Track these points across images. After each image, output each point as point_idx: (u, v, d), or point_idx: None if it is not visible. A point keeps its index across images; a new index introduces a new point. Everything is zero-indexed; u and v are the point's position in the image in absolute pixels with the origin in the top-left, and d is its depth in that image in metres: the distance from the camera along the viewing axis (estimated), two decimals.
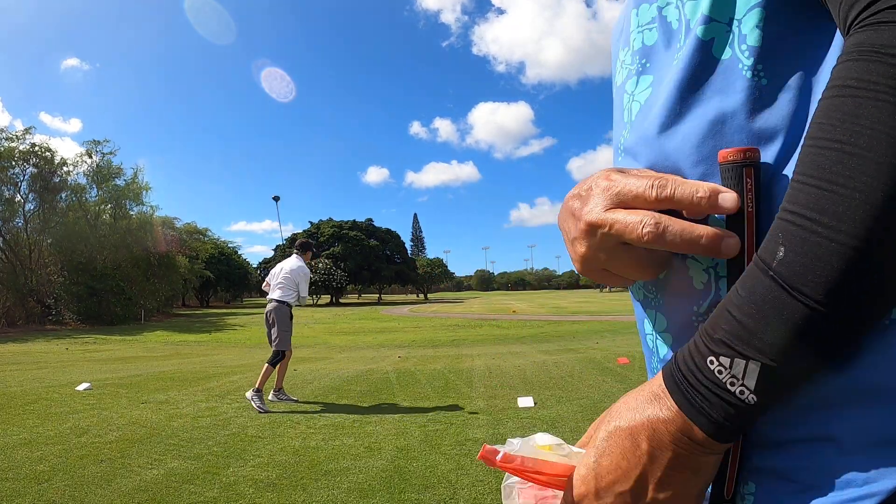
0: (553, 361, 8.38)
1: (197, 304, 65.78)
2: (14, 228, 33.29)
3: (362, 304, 72.42)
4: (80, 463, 3.29)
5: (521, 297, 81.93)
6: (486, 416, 4.50)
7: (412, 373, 7.60)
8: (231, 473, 3.12)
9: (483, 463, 1.56)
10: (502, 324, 26.41)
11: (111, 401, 5.52)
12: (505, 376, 6.84)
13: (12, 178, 32.40)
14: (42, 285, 32.88)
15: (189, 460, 3.37)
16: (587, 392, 5.41)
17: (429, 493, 2.77)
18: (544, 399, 5.15)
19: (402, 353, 12.29)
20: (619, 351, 9.40)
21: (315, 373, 7.63)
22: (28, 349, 18.56)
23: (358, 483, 2.94)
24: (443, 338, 19.76)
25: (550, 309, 41.73)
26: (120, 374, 8.39)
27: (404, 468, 3.17)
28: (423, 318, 35.04)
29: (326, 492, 2.82)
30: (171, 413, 4.85)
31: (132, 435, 4.01)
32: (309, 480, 3.00)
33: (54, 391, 6.18)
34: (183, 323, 35.39)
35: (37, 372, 9.04)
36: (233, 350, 17.41)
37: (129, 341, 23.00)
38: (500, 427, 4.10)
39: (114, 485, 2.90)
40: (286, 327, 5.27)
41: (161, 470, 3.16)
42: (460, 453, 3.43)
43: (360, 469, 3.18)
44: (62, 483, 2.92)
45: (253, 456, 3.48)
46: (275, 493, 2.80)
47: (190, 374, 8.29)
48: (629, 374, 6.42)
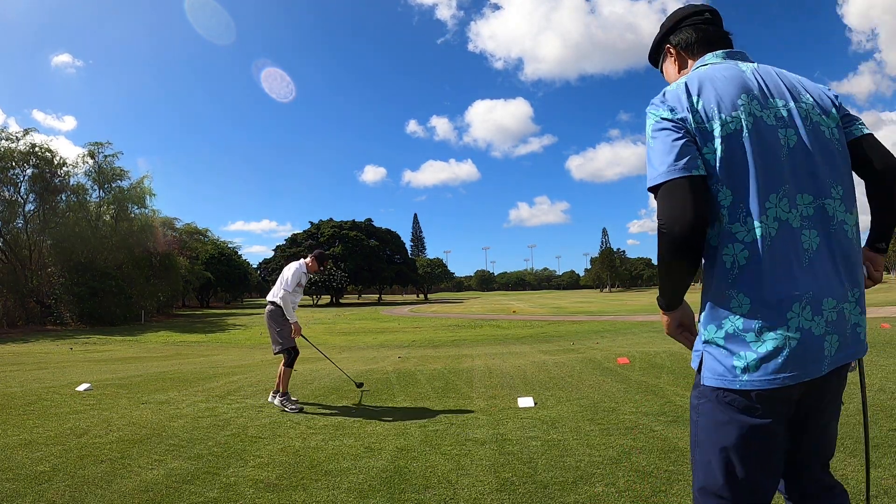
0: (553, 361, 8.38)
1: (197, 305, 65.77)
2: (14, 229, 33.23)
3: (362, 304, 72.43)
4: (81, 463, 3.29)
5: (521, 297, 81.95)
6: (486, 416, 4.50)
7: (412, 373, 7.60)
8: (231, 474, 3.12)
9: (483, 462, 1.59)
10: (502, 324, 26.42)
11: (111, 401, 5.52)
12: (505, 376, 6.84)
13: (12, 178, 32.35)
14: (42, 286, 32.86)
15: (189, 461, 3.37)
16: (587, 392, 5.41)
17: (429, 493, 2.77)
18: (544, 399, 5.15)
19: (402, 354, 12.29)
20: (619, 351, 9.40)
21: (315, 373, 7.63)
22: (28, 349, 18.57)
23: (358, 483, 2.94)
24: (443, 338, 19.77)
25: (550, 309, 41.75)
26: (120, 374, 8.39)
27: (404, 468, 3.17)
28: (423, 319, 35.06)
29: (327, 492, 2.82)
30: (172, 413, 4.86)
31: (132, 435, 4.01)
32: (309, 481, 3.00)
33: (54, 392, 6.18)
34: (183, 323, 35.42)
35: (37, 372, 9.04)
36: (233, 350, 17.41)
37: (129, 342, 23.01)
38: (500, 427, 4.10)
39: (114, 485, 2.91)
40: (276, 327, 5.23)
41: (161, 470, 3.17)
42: (460, 453, 3.43)
43: (361, 469, 3.18)
44: (62, 483, 2.92)
45: (253, 456, 3.48)
46: (275, 494, 2.80)
47: (190, 374, 8.29)
48: (629, 374, 6.41)
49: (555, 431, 3.90)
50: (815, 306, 1.15)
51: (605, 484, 2.78)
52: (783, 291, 1.15)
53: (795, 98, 1.26)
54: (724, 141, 1.18)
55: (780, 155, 1.19)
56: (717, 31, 1.45)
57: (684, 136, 1.20)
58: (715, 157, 1.18)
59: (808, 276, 1.16)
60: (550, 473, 2.99)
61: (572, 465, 3.11)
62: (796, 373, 1.15)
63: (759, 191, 1.16)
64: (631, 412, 4.37)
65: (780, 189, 1.17)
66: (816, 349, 1.16)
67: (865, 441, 1.47)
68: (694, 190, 1.15)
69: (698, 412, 1.27)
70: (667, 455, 3.17)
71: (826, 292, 1.17)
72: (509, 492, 2.75)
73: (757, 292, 1.16)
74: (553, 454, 3.34)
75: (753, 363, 1.15)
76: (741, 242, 1.17)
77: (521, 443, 3.63)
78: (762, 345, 1.15)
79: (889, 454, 2.96)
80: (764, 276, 1.15)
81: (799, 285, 1.15)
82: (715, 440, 1.22)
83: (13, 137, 32.21)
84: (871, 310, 18.62)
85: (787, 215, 1.17)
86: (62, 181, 34.09)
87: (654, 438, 3.56)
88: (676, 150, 1.18)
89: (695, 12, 1.47)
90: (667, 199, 1.17)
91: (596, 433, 3.79)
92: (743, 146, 1.18)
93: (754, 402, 1.17)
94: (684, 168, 1.16)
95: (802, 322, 1.14)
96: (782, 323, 1.14)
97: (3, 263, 32.14)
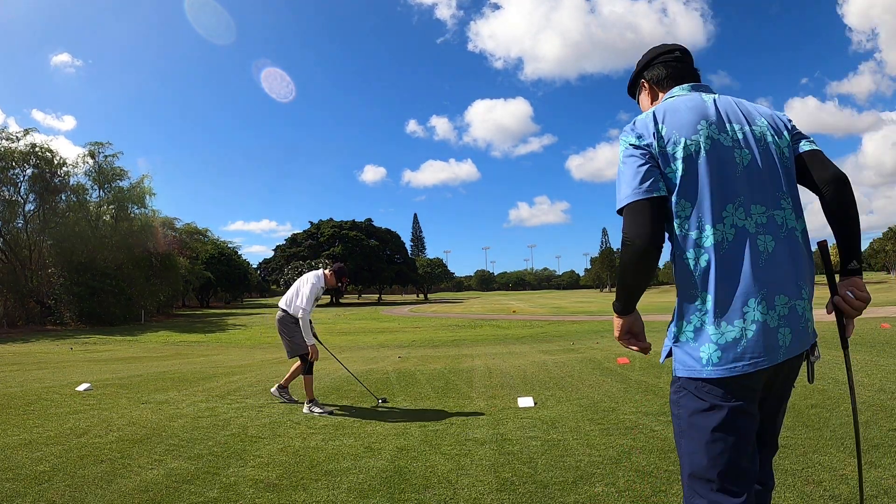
0: (553, 361, 8.38)
1: (197, 305, 65.75)
2: (14, 229, 33.21)
3: (362, 304, 72.38)
4: (81, 463, 3.29)
5: (521, 297, 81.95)
6: (486, 416, 4.50)
7: (412, 373, 7.60)
8: (231, 474, 3.12)
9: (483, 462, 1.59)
10: (502, 324, 26.42)
11: (111, 401, 5.52)
12: (505, 376, 6.85)
13: (12, 178, 32.33)
14: (42, 286, 32.86)
15: (189, 460, 3.37)
16: (587, 392, 5.41)
17: (429, 493, 2.77)
18: (544, 399, 5.15)
19: (402, 353, 12.29)
20: (619, 351, 9.39)
21: (315, 373, 7.60)
22: (28, 349, 18.57)
23: (358, 483, 2.94)
24: (443, 338, 19.77)
25: (550, 309, 41.76)
26: (120, 374, 8.39)
27: (404, 468, 3.17)
28: (423, 318, 35.06)
29: (327, 492, 2.82)
30: (172, 413, 4.86)
31: (132, 435, 4.01)
32: (309, 480, 3.00)
33: (54, 392, 6.18)
34: (183, 323, 35.42)
35: (37, 372, 9.04)
36: (233, 350, 17.41)
37: (129, 342, 23.01)
38: (500, 427, 4.10)
39: (114, 485, 2.91)
40: (288, 335, 5.16)
41: (161, 470, 3.16)
42: (460, 453, 3.43)
43: (360, 469, 3.18)
44: (62, 483, 2.92)
45: (253, 456, 3.48)
46: (275, 494, 2.80)
47: (190, 374, 8.29)
48: (629, 374, 6.42)
49: (555, 431, 3.90)
50: (769, 302, 1.31)
51: (605, 484, 2.78)
52: (740, 289, 1.30)
53: (751, 123, 1.44)
54: (685, 161, 1.36)
55: (735, 171, 1.36)
56: (686, 67, 1.63)
57: (648, 161, 1.38)
58: (676, 175, 1.36)
59: (764, 275, 1.31)
60: (550, 473, 2.99)
61: (572, 465, 3.11)
62: (754, 360, 1.30)
63: (716, 202, 1.33)
64: (631, 412, 4.37)
65: (736, 200, 1.34)
66: (772, 339, 1.31)
67: (857, 441, 1.52)
68: (654, 210, 1.35)
69: (679, 405, 1.40)
70: (667, 455, 3.17)
71: (779, 290, 1.32)
72: (509, 492, 2.75)
73: (717, 290, 1.31)
74: (553, 454, 3.34)
75: (717, 354, 1.31)
76: (701, 247, 1.34)
77: (521, 443, 3.63)
78: (722, 336, 1.31)
79: (889, 454, 2.96)
80: (722, 275, 1.31)
81: (755, 283, 1.30)
82: (697, 427, 1.35)
83: (13, 137, 32.21)
84: (872, 310, 18.62)
85: (743, 222, 1.34)
86: (62, 181, 34.08)
87: (654, 438, 3.56)
88: (640, 175, 1.37)
89: (666, 51, 1.66)
90: (631, 217, 1.36)
91: (596, 433, 3.79)
92: (702, 164, 1.35)
93: (725, 388, 1.32)
94: (646, 191, 1.36)
95: (758, 315, 1.30)
96: (739, 316, 1.30)
97: (3, 263, 32.13)
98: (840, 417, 3.80)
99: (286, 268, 69.03)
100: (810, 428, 3.58)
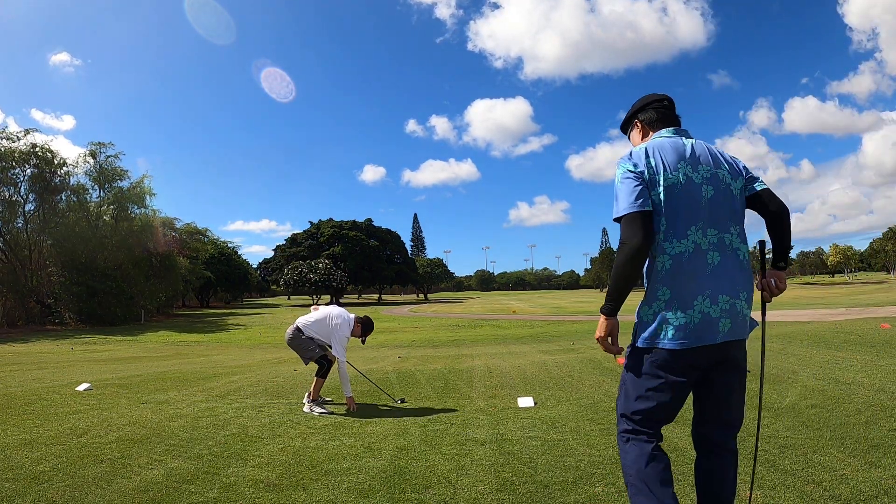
0: (553, 361, 8.38)
1: (197, 305, 65.75)
2: (14, 229, 33.20)
3: (362, 304, 72.38)
4: (81, 463, 3.28)
5: (521, 297, 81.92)
6: (486, 416, 4.50)
7: (412, 373, 7.60)
8: (231, 474, 3.12)
9: (483, 462, 1.58)
10: (502, 324, 26.44)
11: (111, 401, 5.52)
12: (505, 376, 6.85)
13: (12, 178, 32.32)
14: (42, 286, 32.86)
15: (189, 460, 3.37)
16: (587, 392, 5.41)
17: (429, 493, 2.77)
18: (544, 399, 5.15)
19: (402, 353, 12.29)
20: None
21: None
22: (28, 349, 18.58)
23: (358, 483, 2.94)
24: (443, 338, 19.78)
25: (550, 309, 41.78)
26: (120, 374, 8.39)
27: (404, 468, 3.17)
28: (423, 318, 35.09)
29: (327, 492, 2.82)
30: (171, 413, 4.86)
31: (132, 435, 4.01)
32: (309, 480, 3.00)
33: (54, 391, 6.18)
34: (183, 323, 35.44)
35: (37, 372, 9.04)
36: (233, 350, 17.42)
37: (129, 341, 23.02)
38: (500, 427, 4.10)
39: (114, 485, 2.90)
40: (298, 350, 5.26)
41: (161, 470, 3.16)
42: (460, 453, 3.43)
43: (360, 469, 3.18)
44: (62, 483, 2.92)
45: (253, 456, 3.48)
46: (275, 494, 2.80)
47: (190, 374, 8.30)
48: None
49: (555, 431, 3.90)
50: (713, 299, 1.75)
51: (605, 484, 2.78)
52: (692, 288, 1.75)
53: (717, 166, 1.85)
54: (665, 189, 1.77)
55: (701, 202, 1.78)
56: (671, 114, 2.05)
57: (641, 183, 1.78)
58: (659, 199, 1.77)
59: (710, 279, 1.75)
60: (550, 473, 2.99)
61: (572, 464, 3.11)
62: (697, 338, 1.73)
63: (683, 223, 1.76)
64: None
65: (698, 223, 1.77)
66: (713, 325, 1.74)
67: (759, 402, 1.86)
68: (644, 219, 1.74)
69: (627, 369, 1.87)
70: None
71: (721, 291, 1.76)
72: (509, 492, 2.75)
73: (675, 287, 1.76)
74: (553, 454, 3.34)
75: (671, 331, 1.74)
76: (668, 254, 1.77)
77: (521, 443, 3.63)
78: (676, 320, 1.74)
79: (889, 454, 2.96)
80: (680, 277, 1.75)
81: (703, 285, 1.75)
82: (637, 385, 1.83)
83: (13, 137, 32.20)
84: (872, 310, 18.73)
85: (700, 241, 1.77)
86: (62, 181, 34.09)
87: None
88: (636, 194, 1.76)
89: (657, 100, 2.08)
90: (627, 224, 1.75)
91: (596, 433, 3.79)
92: (677, 194, 1.77)
93: (671, 359, 1.75)
94: (640, 206, 1.75)
95: (703, 307, 1.74)
96: (690, 307, 1.74)
97: (3, 263, 32.13)
98: (840, 417, 3.80)
99: (286, 268, 68.98)
100: (810, 428, 3.58)
